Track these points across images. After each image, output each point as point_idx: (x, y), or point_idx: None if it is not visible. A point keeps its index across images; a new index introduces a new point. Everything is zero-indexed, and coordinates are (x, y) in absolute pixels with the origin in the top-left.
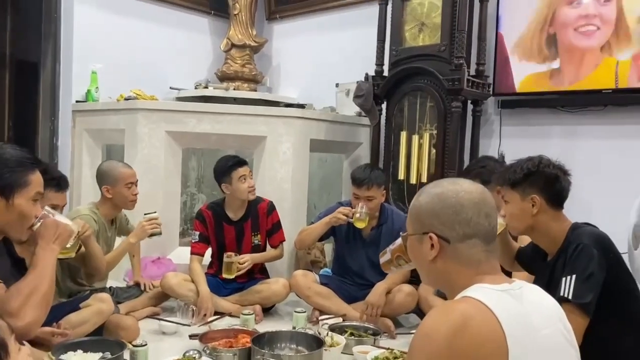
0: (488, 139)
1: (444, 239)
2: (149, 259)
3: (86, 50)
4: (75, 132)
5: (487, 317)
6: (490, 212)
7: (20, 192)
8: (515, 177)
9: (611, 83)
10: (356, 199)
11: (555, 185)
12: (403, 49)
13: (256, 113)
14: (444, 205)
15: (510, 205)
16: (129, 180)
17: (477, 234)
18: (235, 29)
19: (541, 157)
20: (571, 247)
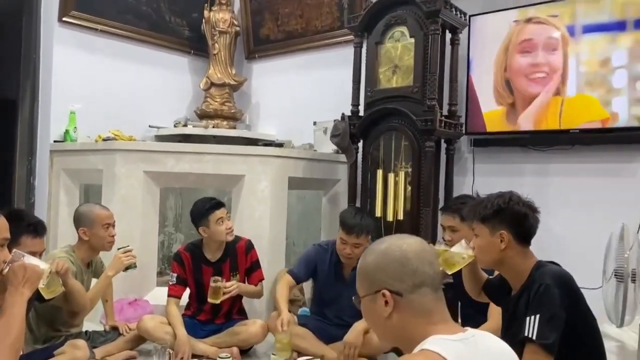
0: (462, 176)
1: (396, 293)
2: (125, 301)
3: (65, 89)
4: (52, 172)
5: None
6: (432, 259)
7: None
8: (486, 212)
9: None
10: (343, 243)
11: (524, 222)
12: (377, 90)
13: (235, 152)
14: (389, 260)
15: (479, 238)
16: (105, 222)
17: (425, 282)
18: (214, 68)
19: (512, 193)
20: (534, 287)
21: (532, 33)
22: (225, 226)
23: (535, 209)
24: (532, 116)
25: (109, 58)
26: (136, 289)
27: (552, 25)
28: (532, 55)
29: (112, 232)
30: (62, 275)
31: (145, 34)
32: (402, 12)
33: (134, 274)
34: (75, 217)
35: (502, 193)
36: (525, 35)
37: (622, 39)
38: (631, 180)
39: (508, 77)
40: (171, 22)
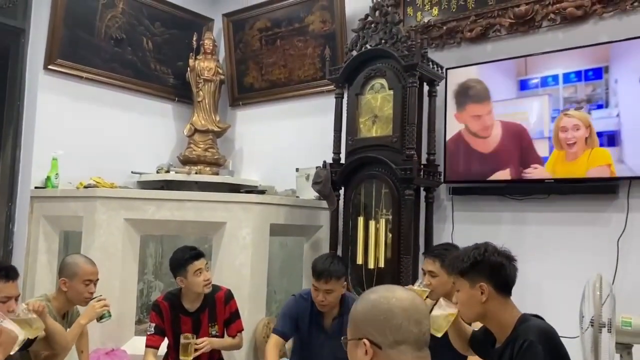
0: (442, 223)
1: (376, 345)
2: (102, 351)
3: (48, 136)
4: (32, 218)
5: None
6: (421, 318)
7: None
8: (463, 265)
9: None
10: (315, 290)
11: (501, 272)
12: (358, 139)
13: (216, 199)
14: (376, 312)
15: (461, 293)
16: (87, 277)
17: (406, 340)
18: (198, 114)
19: (487, 244)
20: (518, 342)
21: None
22: (203, 277)
23: (512, 257)
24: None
25: (93, 105)
26: (114, 338)
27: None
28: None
29: (91, 288)
30: (40, 316)
31: (130, 82)
32: (381, 65)
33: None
34: (61, 266)
35: (478, 245)
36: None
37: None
38: (605, 229)
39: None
40: (156, 70)
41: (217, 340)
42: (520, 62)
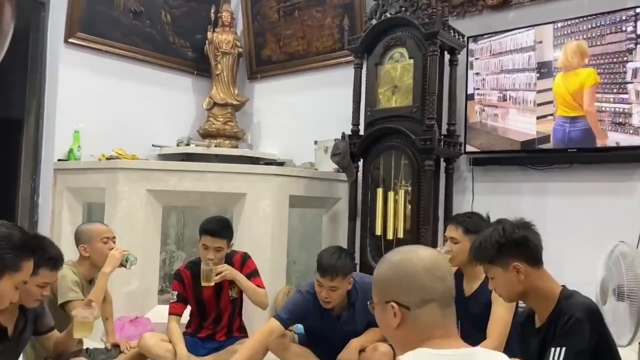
0: (462, 194)
1: (404, 306)
2: (126, 319)
3: (70, 109)
4: (56, 190)
5: None
6: (444, 275)
7: (9, 276)
8: (489, 253)
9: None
10: (319, 285)
11: (528, 246)
12: (377, 110)
13: (236, 171)
14: (399, 274)
15: (496, 280)
16: (104, 235)
17: (433, 298)
18: (217, 88)
19: (503, 223)
20: (563, 318)
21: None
22: (206, 255)
23: (530, 225)
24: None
25: (113, 78)
26: (137, 307)
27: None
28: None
29: (110, 245)
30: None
31: (149, 55)
32: (401, 34)
33: (136, 292)
34: (76, 236)
35: (494, 227)
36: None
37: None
38: (628, 198)
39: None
40: (175, 44)
41: (240, 274)
42: (543, 29)
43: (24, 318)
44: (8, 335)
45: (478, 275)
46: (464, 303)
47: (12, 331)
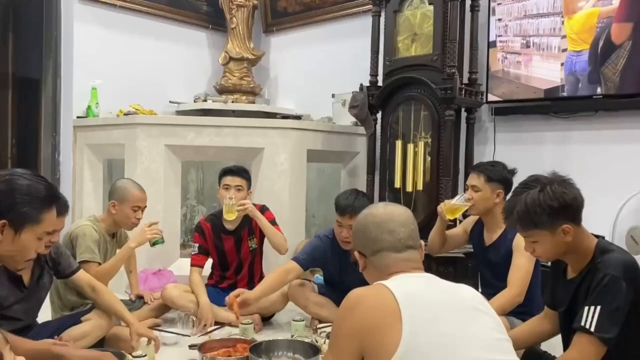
0: (483, 145)
1: (363, 255)
2: (150, 271)
3: (86, 66)
4: (76, 148)
5: (380, 292)
6: (394, 227)
7: (30, 228)
8: (540, 218)
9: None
10: (339, 226)
11: (579, 207)
12: (396, 59)
13: (253, 125)
14: (357, 229)
15: (540, 243)
16: (136, 204)
17: (383, 247)
18: (232, 42)
19: (545, 183)
20: (598, 275)
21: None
22: (228, 194)
23: (571, 181)
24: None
25: (128, 34)
26: (160, 261)
27: None
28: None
29: (139, 215)
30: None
31: (163, 9)
32: None
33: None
34: (112, 188)
35: (540, 188)
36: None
37: None
38: None
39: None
40: None
41: (260, 214)
42: None
43: (39, 266)
44: (25, 284)
45: (498, 224)
46: (484, 252)
47: (28, 279)
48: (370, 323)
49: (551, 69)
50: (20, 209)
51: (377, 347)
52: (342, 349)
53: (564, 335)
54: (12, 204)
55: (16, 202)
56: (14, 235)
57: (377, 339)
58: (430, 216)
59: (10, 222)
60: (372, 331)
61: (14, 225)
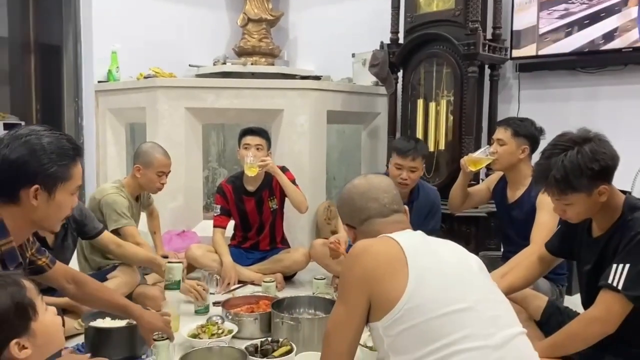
0: (507, 103)
1: (352, 227)
2: (174, 232)
3: (106, 30)
4: (98, 112)
5: (386, 241)
6: (377, 194)
7: (63, 186)
8: (581, 182)
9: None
10: (398, 169)
11: (616, 165)
12: (417, 15)
13: (272, 87)
14: (341, 203)
15: (575, 205)
16: (161, 169)
17: (370, 215)
18: (251, 3)
19: (589, 146)
20: (628, 234)
21: None
22: (249, 153)
23: (605, 138)
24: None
25: None
26: (183, 223)
27: None
28: None
29: (163, 179)
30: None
31: None
32: None
33: (181, 208)
34: (137, 152)
35: (577, 150)
36: None
37: None
38: None
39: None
40: None
41: (280, 171)
42: None
43: (62, 227)
44: (49, 245)
45: (522, 181)
46: (507, 210)
47: (52, 240)
48: (377, 269)
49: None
50: (49, 170)
51: (384, 292)
52: (350, 296)
53: (588, 293)
54: (39, 167)
55: (43, 163)
56: (48, 198)
57: (385, 285)
58: (452, 174)
59: (43, 185)
60: (379, 277)
61: (46, 188)
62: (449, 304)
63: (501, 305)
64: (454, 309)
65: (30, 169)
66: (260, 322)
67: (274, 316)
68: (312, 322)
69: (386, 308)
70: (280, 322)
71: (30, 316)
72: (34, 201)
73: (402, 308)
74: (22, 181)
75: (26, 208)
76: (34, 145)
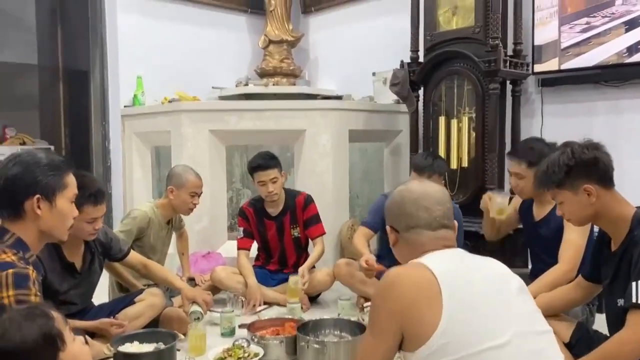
0: (529, 118)
1: (395, 230)
2: (199, 254)
3: (131, 56)
4: (125, 136)
5: (419, 270)
6: (430, 205)
7: (61, 194)
8: (558, 177)
9: None
10: None
11: (599, 166)
12: (437, 33)
13: (294, 107)
14: (391, 204)
15: (566, 204)
16: (193, 190)
17: (418, 224)
18: (271, 25)
19: (570, 145)
20: (638, 249)
21: None
22: (266, 190)
23: (599, 146)
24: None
25: (170, 22)
26: (208, 243)
27: None
28: None
29: (196, 200)
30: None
31: None
32: None
33: (206, 229)
34: (169, 174)
35: (562, 150)
36: None
37: None
38: None
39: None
40: None
41: (308, 264)
42: None
43: (89, 252)
44: (77, 270)
45: (549, 199)
46: (534, 227)
47: (80, 265)
48: (410, 300)
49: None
50: (45, 179)
51: (417, 325)
52: (382, 328)
53: (608, 308)
54: (35, 178)
55: (39, 174)
56: (50, 207)
57: (418, 316)
58: (476, 192)
59: (42, 194)
60: (412, 309)
61: (47, 196)
62: (485, 341)
63: (542, 337)
64: (491, 346)
65: (28, 180)
66: (286, 345)
67: (299, 339)
68: (338, 345)
69: (420, 341)
70: (305, 346)
71: (59, 347)
72: (38, 211)
73: (436, 343)
74: (24, 193)
75: (33, 220)
76: (28, 161)
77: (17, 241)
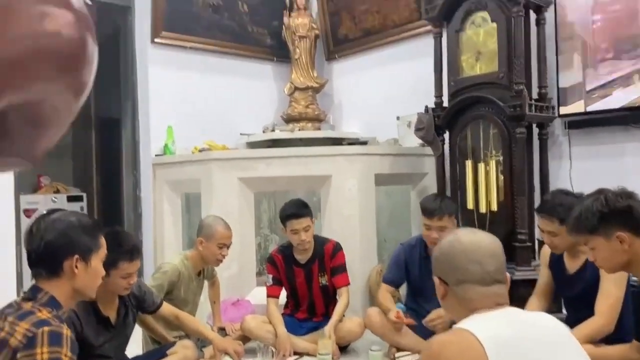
0: (557, 160)
1: (444, 282)
2: (229, 302)
3: (161, 106)
4: (156, 184)
5: (465, 337)
6: (482, 258)
7: (96, 255)
8: (591, 223)
9: None
10: (427, 229)
11: (633, 214)
12: (461, 79)
13: (320, 154)
14: (440, 255)
15: (598, 250)
16: (222, 241)
17: (467, 279)
18: (297, 72)
19: (604, 192)
20: None
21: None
22: (299, 238)
23: (633, 194)
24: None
25: (199, 73)
26: (238, 290)
27: None
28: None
29: (224, 252)
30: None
31: (230, 46)
32: None
33: (235, 275)
34: (200, 225)
35: (595, 196)
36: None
37: None
38: None
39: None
40: (253, 32)
41: (334, 321)
42: None
43: (124, 306)
44: (112, 324)
45: (583, 250)
46: (568, 281)
47: (115, 319)
48: None
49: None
50: (83, 241)
51: None
52: None
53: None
54: (75, 239)
55: (77, 236)
56: (86, 266)
57: None
58: (508, 236)
59: (80, 255)
60: None
61: (84, 257)
62: None
63: None
64: None
65: (68, 242)
66: None
67: None
68: None
69: None
70: None
71: None
72: (75, 270)
73: None
74: (64, 254)
75: (69, 279)
76: (66, 224)
77: (51, 299)
